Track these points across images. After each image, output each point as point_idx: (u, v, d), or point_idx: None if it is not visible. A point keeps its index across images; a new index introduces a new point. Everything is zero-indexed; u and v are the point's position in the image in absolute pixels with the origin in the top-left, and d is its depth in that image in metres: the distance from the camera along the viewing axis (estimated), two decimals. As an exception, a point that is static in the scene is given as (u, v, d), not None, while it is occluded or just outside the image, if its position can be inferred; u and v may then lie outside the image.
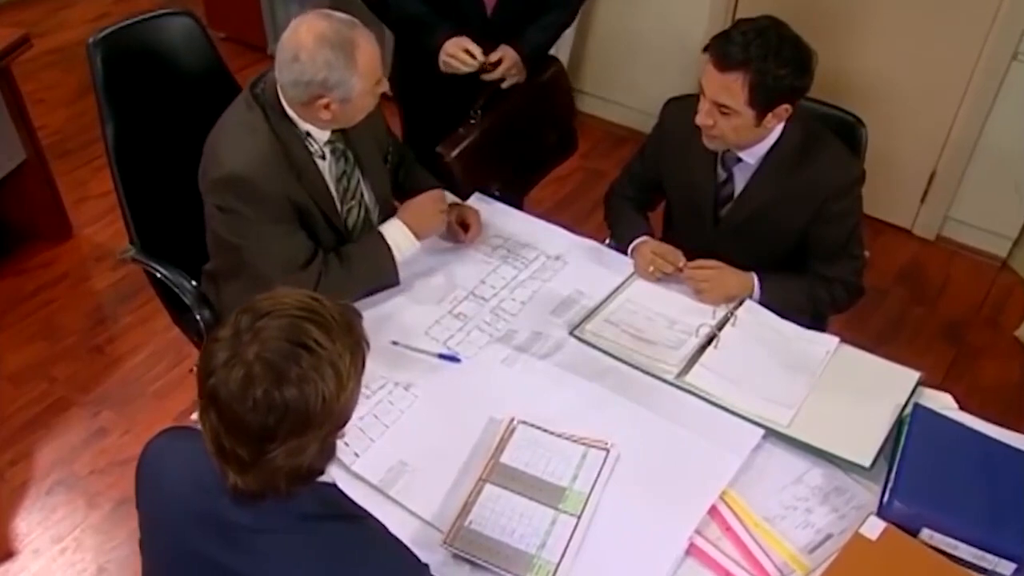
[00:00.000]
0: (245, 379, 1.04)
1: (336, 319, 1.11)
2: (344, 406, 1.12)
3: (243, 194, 1.81)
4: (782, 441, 1.69)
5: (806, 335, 1.88)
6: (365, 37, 1.78)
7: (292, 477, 1.11)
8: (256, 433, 1.06)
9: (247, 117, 1.86)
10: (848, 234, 1.96)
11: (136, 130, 2.10)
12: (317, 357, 1.06)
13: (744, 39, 1.76)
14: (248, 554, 1.14)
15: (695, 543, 1.51)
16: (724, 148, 1.92)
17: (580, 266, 2.07)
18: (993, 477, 1.57)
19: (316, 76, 1.74)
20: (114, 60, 2.05)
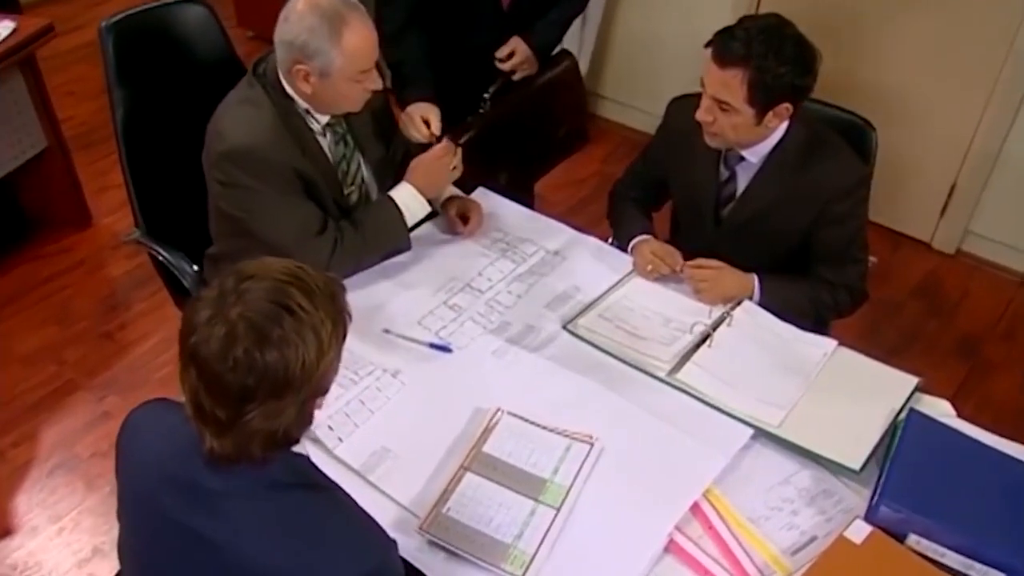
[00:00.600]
0: (227, 338, 1.04)
1: (320, 287, 1.12)
2: (323, 373, 1.12)
3: (248, 166, 1.82)
4: (772, 442, 1.66)
5: (804, 337, 1.84)
6: (359, 20, 1.77)
7: (267, 442, 1.11)
8: (235, 393, 1.06)
9: (249, 94, 1.87)
10: (851, 237, 1.93)
11: (145, 115, 2.13)
12: (299, 321, 1.07)
13: (746, 35, 1.75)
14: (217, 519, 1.14)
15: (675, 540, 1.49)
16: (725, 146, 1.90)
17: (579, 262, 2.05)
18: (986, 485, 1.53)
19: (297, 39, 1.75)
20: (126, 45, 2.08)
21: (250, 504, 1.14)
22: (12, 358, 2.74)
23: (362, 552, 1.15)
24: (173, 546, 1.18)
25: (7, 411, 2.59)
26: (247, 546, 1.13)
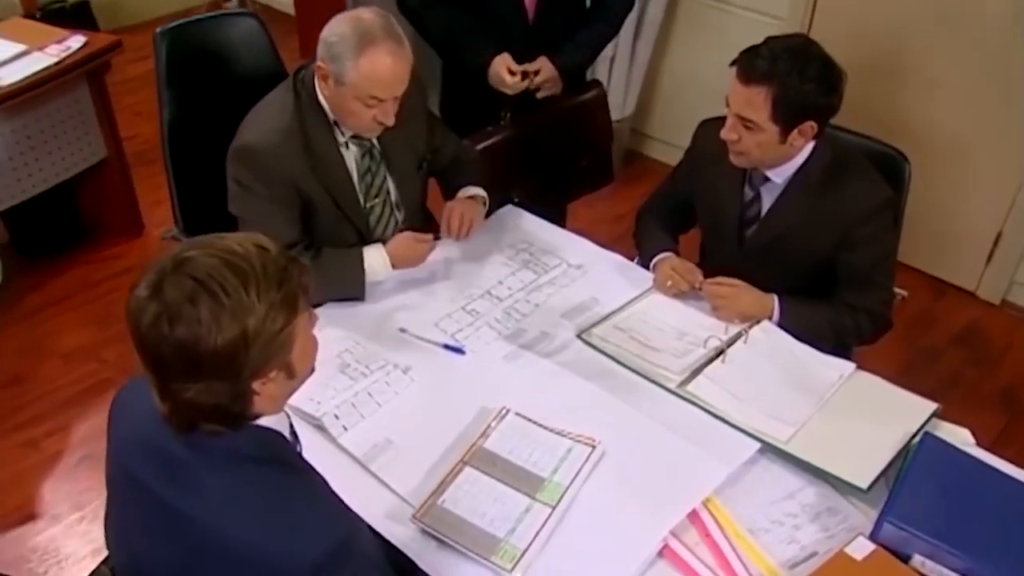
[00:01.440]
0: (142, 303, 1.06)
1: (265, 271, 1.09)
2: (253, 358, 1.09)
3: (249, 165, 1.86)
4: (780, 457, 1.62)
5: (821, 358, 1.81)
6: (387, 49, 1.77)
7: (210, 416, 1.12)
8: (152, 361, 1.07)
9: (280, 97, 1.93)
10: (875, 262, 1.90)
11: (191, 119, 2.21)
12: (218, 304, 1.05)
13: (771, 54, 1.76)
14: (185, 489, 1.15)
15: (670, 546, 1.46)
16: (750, 165, 1.90)
17: (600, 276, 2.06)
18: (999, 511, 1.47)
19: (329, 38, 1.79)
20: (177, 51, 2.19)
21: (218, 475, 1.15)
22: (55, 354, 2.83)
23: (326, 528, 1.15)
24: (149, 515, 1.20)
25: (45, 403, 2.67)
26: (214, 517, 1.14)
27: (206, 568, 1.16)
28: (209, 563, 1.15)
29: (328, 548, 1.13)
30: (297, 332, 1.14)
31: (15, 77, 2.70)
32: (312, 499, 1.19)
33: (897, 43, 3.00)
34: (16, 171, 2.83)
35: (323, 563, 1.12)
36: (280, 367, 1.14)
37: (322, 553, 1.12)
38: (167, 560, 1.19)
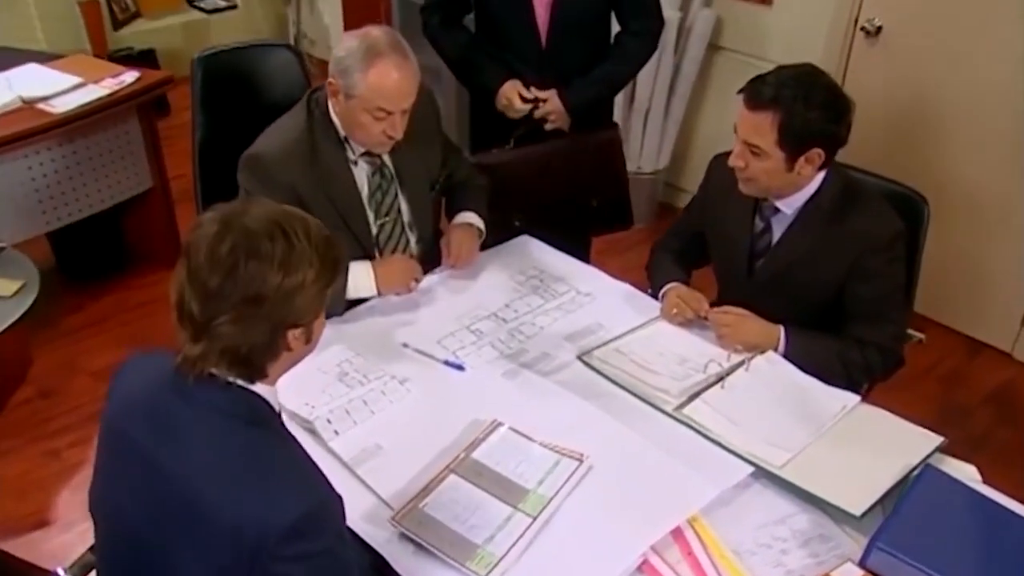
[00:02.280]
0: (218, 236, 1.13)
1: (321, 234, 1.20)
2: (300, 305, 1.17)
3: (253, 172, 1.92)
4: (774, 483, 1.58)
5: (824, 389, 1.77)
6: (393, 63, 1.83)
7: (232, 358, 1.17)
8: (213, 290, 1.13)
9: (294, 114, 2.00)
10: (884, 295, 1.86)
11: (221, 142, 2.30)
12: (291, 246, 1.15)
13: (777, 81, 1.77)
14: (174, 442, 1.19)
15: (650, 562, 1.43)
16: (759, 193, 1.89)
17: (608, 303, 2.06)
18: (997, 545, 1.41)
19: (338, 54, 1.86)
20: (213, 77, 2.30)
21: (206, 430, 1.19)
22: (86, 371, 2.92)
23: (302, 494, 1.17)
24: (134, 474, 1.23)
25: (71, 416, 2.74)
26: (195, 476, 1.17)
27: (176, 525, 1.18)
28: (180, 520, 1.17)
29: (299, 515, 1.14)
30: (328, 297, 1.23)
31: (69, 106, 2.85)
32: (291, 467, 1.21)
33: (930, 97, 2.98)
34: (64, 195, 2.96)
35: (291, 530, 1.13)
36: (309, 325, 1.22)
37: (292, 520, 1.13)
38: (141, 514, 1.22)
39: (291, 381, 1.76)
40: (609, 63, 2.47)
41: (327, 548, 1.19)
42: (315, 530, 1.17)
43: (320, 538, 1.18)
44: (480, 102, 2.55)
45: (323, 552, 1.18)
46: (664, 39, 3.35)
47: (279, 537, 1.12)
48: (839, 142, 1.81)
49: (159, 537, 1.20)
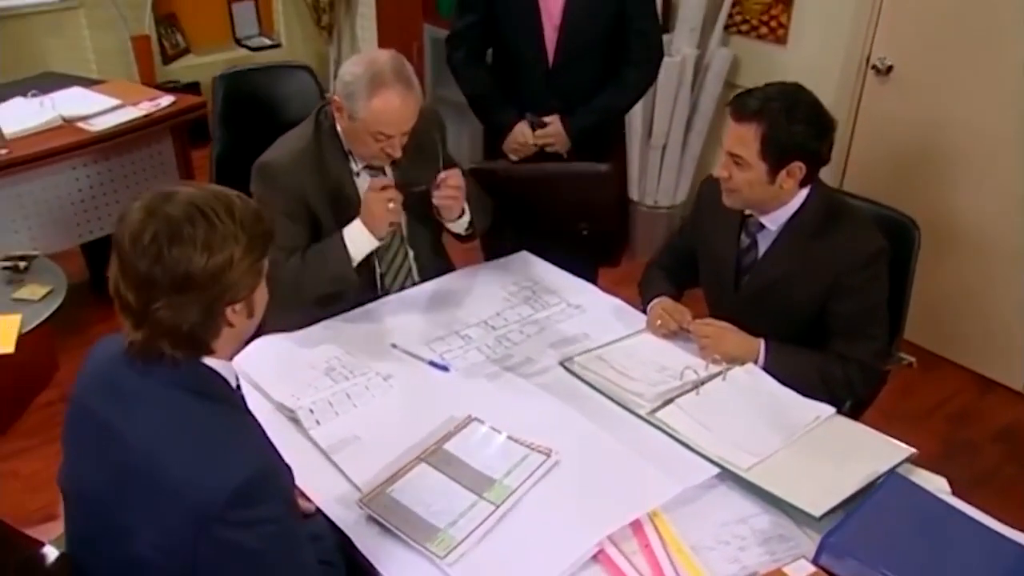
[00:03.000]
0: (141, 223, 1.18)
1: (246, 209, 1.23)
2: (232, 282, 1.21)
3: (263, 179, 2.01)
4: (740, 486, 1.60)
5: (800, 400, 1.78)
6: (396, 92, 1.90)
7: (176, 339, 1.22)
8: (143, 278, 1.18)
9: (303, 125, 2.09)
10: (865, 311, 1.88)
11: (237, 158, 2.39)
12: (212, 227, 1.18)
13: (763, 95, 1.82)
14: (126, 412, 1.25)
15: (607, 552, 1.45)
16: (742, 205, 1.93)
17: (596, 315, 2.10)
18: (953, 551, 1.41)
19: (345, 76, 1.94)
20: (232, 95, 2.43)
21: (158, 403, 1.24)
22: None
23: (248, 459, 1.21)
24: (91, 440, 1.29)
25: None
26: (147, 441, 1.22)
27: (130, 489, 1.23)
28: (133, 484, 1.23)
29: (243, 479, 1.18)
30: (264, 269, 1.27)
31: (106, 125, 3.02)
32: (240, 435, 1.26)
33: (940, 133, 2.99)
34: (98, 208, 3.11)
35: (236, 494, 1.17)
36: (247, 300, 1.26)
37: (236, 483, 1.17)
38: (99, 480, 1.27)
39: (279, 374, 1.87)
40: (609, 91, 2.55)
41: (274, 516, 1.23)
42: (260, 496, 1.20)
43: (266, 505, 1.21)
44: (493, 137, 2.65)
45: (269, 520, 1.22)
46: (682, 76, 3.45)
47: (224, 501, 1.16)
48: (821, 158, 1.85)
49: (116, 501, 1.25)
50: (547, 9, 2.41)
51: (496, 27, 2.52)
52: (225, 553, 1.20)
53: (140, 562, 1.23)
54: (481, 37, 2.55)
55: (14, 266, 2.87)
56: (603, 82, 2.54)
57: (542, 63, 2.48)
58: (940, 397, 2.96)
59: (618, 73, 2.56)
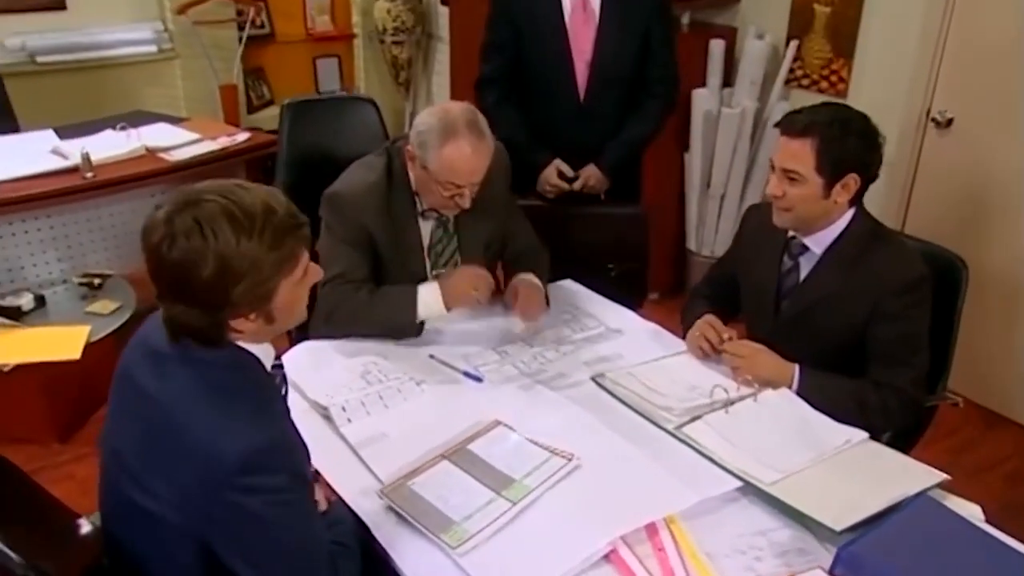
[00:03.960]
0: (155, 224, 1.24)
1: (263, 229, 1.24)
2: (234, 298, 1.25)
3: (332, 208, 2.07)
4: (762, 500, 1.57)
5: (832, 425, 1.75)
6: (467, 142, 1.94)
7: (193, 335, 1.28)
8: (153, 274, 1.26)
9: (372, 159, 2.15)
10: (904, 338, 1.84)
11: (301, 184, 2.48)
12: (207, 245, 1.21)
13: (813, 111, 1.85)
14: (159, 377, 1.32)
15: (619, 553, 1.44)
16: (793, 224, 1.92)
17: (633, 338, 2.11)
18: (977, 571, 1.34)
19: (419, 126, 2.00)
20: (299, 121, 2.55)
21: (188, 370, 1.31)
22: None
23: (263, 427, 1.27)
24: (128, 402, 1.37)
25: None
26: (174, 404, 1.29)
27: (154, 448, 1.30)
28: (157, 443, 1.30)
29: (256, 445, 1.23)
30: (282, 288, 1.30)
31: (184, 156, 3.20)
32: (257, 406, 1.31)
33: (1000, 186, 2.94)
34: (172, 235, 3.28)
35: (247, 458, 1.22)
36: (260, 314, 1.30)
37: (248, 448, 1.23)
38: (129, 439, 1.34)
39: (317, 375, 1.93)
40: (633, 124, 2.62)
41: (283, 487, 1.26)
42: (271, 466, 1.25)
43: (276, 475, 1.26)
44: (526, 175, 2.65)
45: (279, 490, 1.26)
46: (741, 128, 3.49)
47: (235, 465, 1.22)
48: (872, 172, 1.87)
49: (141, 460, 1.32)
50: (577, 46, 2.50)
51: (526, 67, 2.59)
52: (234, 517, 1.26)
53: (160, 520, 1.29)
54: (510, 79, 2.63)
55: (89, 283, 3.05)
56: (628, 113, 2.61)
57: (574, 97, 2.56)
58: (998, 456, 2.85)
59: (640, 105, 2.62)
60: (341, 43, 5.46)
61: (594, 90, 2.55)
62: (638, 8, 2.50)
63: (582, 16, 2.48)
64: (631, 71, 2.54)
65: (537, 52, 2.53)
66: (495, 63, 2.60)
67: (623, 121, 2.59)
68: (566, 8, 2.47)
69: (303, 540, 1.32)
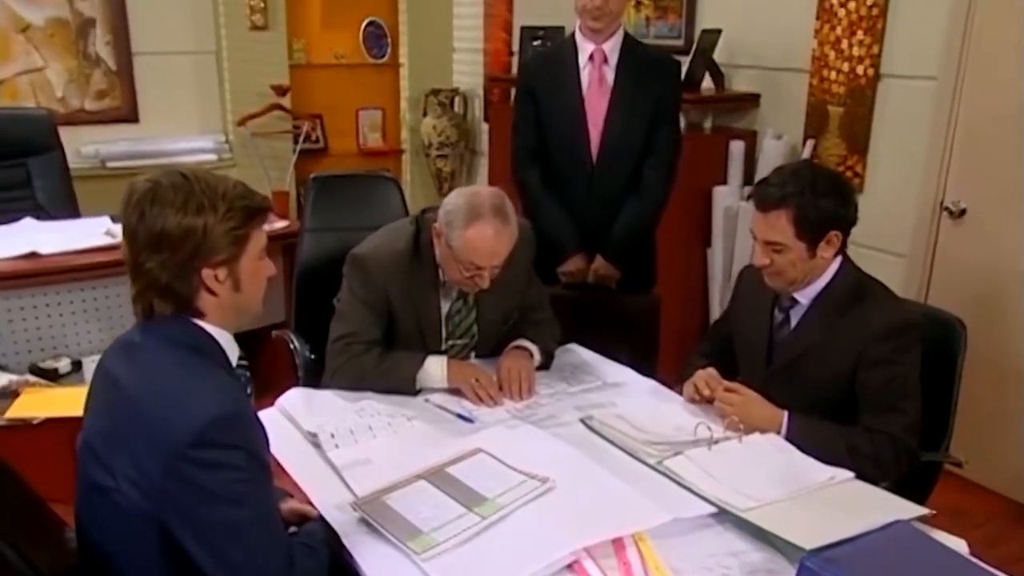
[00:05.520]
0: (139, 185, 1.37)
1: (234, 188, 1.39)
2: (204, 244, 1.35)
3: (356, 269, 2.16)
4: (737, 527, 1.55)
5: (819, 465, 1.72)
6: (491, 226, 2.00)
7: (158, 292, 1.37)
8: (129, 234, 1.36)
9: (401, 225, 2.25)
10: (893, 383, 1.83)
11: (322, 250, 2.64)
12: (191, 193, 1.35)
13: (780, 179, 1.90)
14: (128, 363, 1.40)
15: (583, 564, 1.43)
16: (785, 285, 1.95)
17: (630, 391, 2.14)
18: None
19: (447, 205, 2.09)
20: (323, 195, 2.71)
21: (154, 354, 1.39)
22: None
23: (220, 401, 1.32)
24: (99, 392, 1.45)
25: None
26: (136, 386, 1.36)
27: (121, 425, 1.35)
28: (120, 425, 1.35)
29: (214, 415, 1.28)
30: (248, 243, 1.41)
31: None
32: (215, 383, 1.37)
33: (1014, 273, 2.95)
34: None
35: (203, 431, 1.27)
36: (228, 271, 1.40)
37: (208, 418, 1.28)
38: (98, 426, 1.40)
39: (313, 410, 1.98)
40: (633, 205, 2.69)
41: (238, 464, 1.30)
42: (225, 440, 1.29)
43: (231, 451, 1.29)
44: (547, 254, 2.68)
45: (234, 467, 1.29)
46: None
47: (189, 438, 1.26)
48: (851, 222, 1.90)
49: (105, 442, 1.37)
50: (592, 116, 2.64)
51: (546, 132, 2.71)
52: (188, 492, 1.28)
53: (120, 502, 1.32)
54: (540, 149, 2.74)
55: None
56: (634, 179, 2.70)
57: (587, 163, 2.67)
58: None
59: (643, 180, 2.70)
60: (390, 157, 5.77)
61: (605, 155, 2.67)
62: (648, 84, 2.65)
63: (598, 89, 2.64)
64: (640, 140, 2.67)
65: (556, 120, 2.68)
66: (526, 136, 2.74)
67: (630, 185, 2.69)
68: (584, 82, 2.64)
69: (256, 522, 1.33)
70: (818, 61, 3.43)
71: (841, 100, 3.36)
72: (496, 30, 5.29)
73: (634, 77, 2.64)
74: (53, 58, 4.76)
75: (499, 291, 2.18)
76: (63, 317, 3.17)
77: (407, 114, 5.79)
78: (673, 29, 4.10)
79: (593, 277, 2.69)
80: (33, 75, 4.74)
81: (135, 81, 4.98)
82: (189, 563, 1.32)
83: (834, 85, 3.38)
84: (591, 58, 2.64)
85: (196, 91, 5.15)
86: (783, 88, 3.62)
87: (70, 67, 4.81)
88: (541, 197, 2.72)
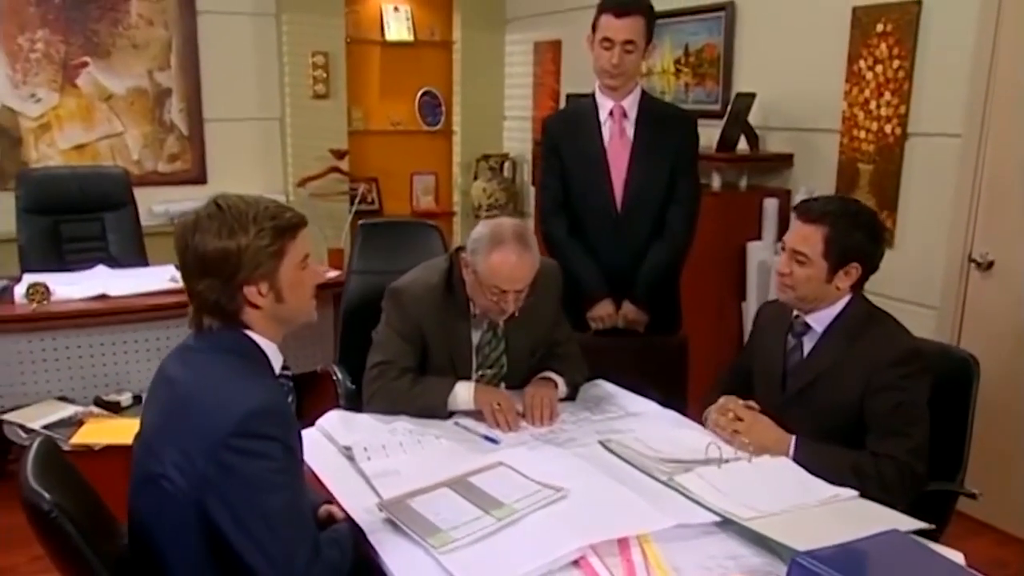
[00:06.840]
0: (187, 218, 1.55)
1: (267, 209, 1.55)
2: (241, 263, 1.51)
3: (394, 302, 2.33)
4: (739, 535, 1.63)
5: (824, 485, 1.79)
6: (513, 252, 2.14)
7: (209, 310, 1.55)
8: (183, 265, 1.55)
9: (436, 262, 2.41)
10: (898, 409, 1.90)
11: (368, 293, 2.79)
12: (224, 222, 1.52)
13: (827, 200, 2.06)
14: (184, 365, 1.58)
15: (588, 560, 1.53)
16: (793, 300, 2.05)
17: (651, 422, 2.22)
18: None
19: (473, 235, 2.25)
20: (371, 241, 2.90)
21: (205, 356, 1.56)
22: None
23: (259, 395, 1.48)
24: (156, 390, 1.61)
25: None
26: (189, 383, 1.53)
27: (168, 422, 1.51)
28: (171, 417, 1.52)
29: (255, 407, 1.44)
30: (284, 257, 1.56)
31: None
32: (260, 380, 1.53)
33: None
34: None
35: (244, 421, 1.42)
36: (269, 284, 1.55)
37: (249, 409, 1.43)
38: (152, 422, 1.56)
39: (349, 428, 2.12)
40: (657, 250, 2.79)
41: (275, 455, 1.44)
42: (264, 430, 1.43)
43: (270, 442, 1.44)
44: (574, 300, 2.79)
45: (271, 457, 1.44)
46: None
47: (232, 427, 1.41)
48: (875, 262, 2.01)
49: (157, 433, 1.52)
50: (615, 167, 2.77)
51: (571, 186, 2.83)
52: (227, 478, 1.42)
53: (166, 487, 1.46)
54: (567, 203, 2.87)
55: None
56: (658, 226, 2.80)
57: (612, 211, 2.79)
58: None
59: (665, 225, 2.80)
60: (442, 219, 5.99)
61: (629, 202, 2.78)
62: (667, 136, 2.79)
63: (619, 141, 2.78)
64: (662, 187, 2.78)
65: (581, 172, 2.81)
66: (551, 189, 2.88)
67: (655, 231, 2.80)
68: (605, 135, 2.79)
69: (287, 509, 1.46)
70: (848, 121, 3.55)
71: (871, 158, 3.47)
72: (544, 98, 5.54)
73: (653, 129, 2.78)
74: (132, 124, 5.14)
75: (527, 323, 2.31)
76: (127, 355, 3.39)
77: (459, 178, 6.04)
78: (711, 95, 4.28)
79: (623, 322, 2.81)
80: (113, 139, 5.12)
81: (205, 145, 5.34)
82: (227, 547, 1.45)
83: (864, 144, 3.50)
84: (611, 113, 2.78)
85: (260, 154, 5.49)
86: (815, 148, 3.74)
87: (146, 132, 5.18)
88: (568, 245, 2.83)
